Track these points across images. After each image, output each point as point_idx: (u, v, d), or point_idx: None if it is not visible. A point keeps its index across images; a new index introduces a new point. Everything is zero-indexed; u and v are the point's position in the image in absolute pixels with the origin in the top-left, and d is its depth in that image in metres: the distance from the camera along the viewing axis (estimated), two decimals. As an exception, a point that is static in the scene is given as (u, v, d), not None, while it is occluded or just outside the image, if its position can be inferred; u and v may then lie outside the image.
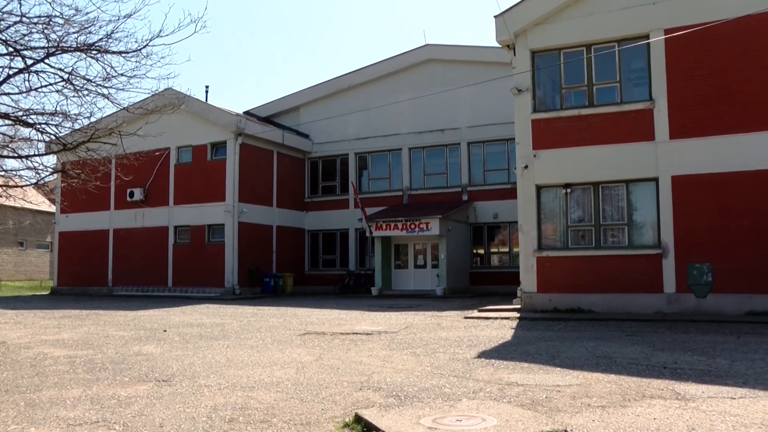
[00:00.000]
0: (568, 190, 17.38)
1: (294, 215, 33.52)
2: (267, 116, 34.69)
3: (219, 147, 30.30)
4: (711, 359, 9.15)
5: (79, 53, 11.32)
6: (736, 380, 7.59)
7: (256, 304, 23.19)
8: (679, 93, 16.31)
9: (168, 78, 25.63)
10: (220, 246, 29.48)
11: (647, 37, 16.62)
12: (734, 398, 6.62)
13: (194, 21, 11.65)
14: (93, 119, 12.52)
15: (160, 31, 11.20)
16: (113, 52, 11.33)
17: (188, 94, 19.88)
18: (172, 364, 9.44)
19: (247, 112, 34.30)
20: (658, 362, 8.96)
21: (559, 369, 8.58)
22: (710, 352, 9.89)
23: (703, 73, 16.10)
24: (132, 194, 31.07)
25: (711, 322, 14.15)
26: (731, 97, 15.82)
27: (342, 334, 13.21)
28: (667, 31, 16.18)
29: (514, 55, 18.16)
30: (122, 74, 11.59)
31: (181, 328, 14.73)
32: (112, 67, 11.61)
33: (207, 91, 36.05)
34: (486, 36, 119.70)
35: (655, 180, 16.48)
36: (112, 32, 11.19)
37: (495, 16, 18.19)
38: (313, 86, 34.43)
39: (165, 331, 14.24)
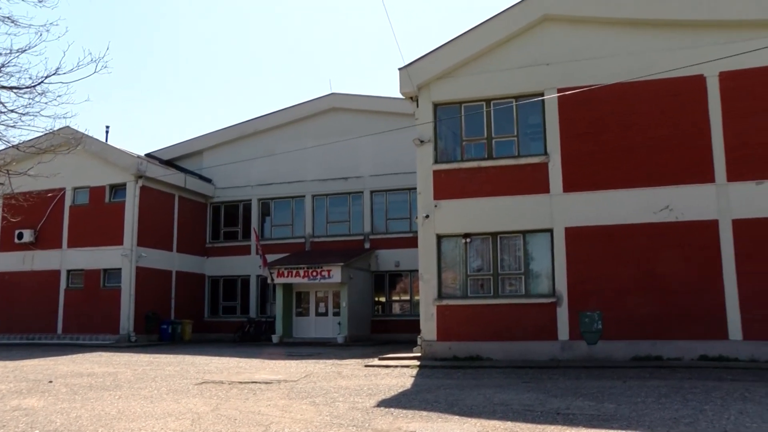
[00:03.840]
0: (468, 240, 17.81)
1: (194, 260, 32.71)
2: (170, 159, 33.95)
3: (118, 189, 29.32)
4: (600, 404, 9.53)
5: (-38, 85, 10.84)
6: (621, 423, 7.94)
7: (152, 352, 22.32)
8: (571, 149, 17.19)
9: (65, 117, 24.60)
10: (116, 291, 28.29)
11: (542, 94, 17.49)
12: (620, 442, 6.91)
13: (95, 60, 11.26)
14: (-23, 156, 11.95)
15: (58, 69, 10.89)
16: (3, 87, 10.92)
17: (87, 133, 19.21)
18: (56, 418, 8.93)
19: (149, 155, 33.50)
20: (552, 408, 9.24)
21: (457, 417, 8.69)
22: (599, 396, 10.29)
23: (592, 131, 17.08)
24: (21, 236, 29.44)
25: (601, 368, 14.74)
26: (615, 155, 16.82)
27: (240, 383, 12.91)
28: (559, 90, 17.10)
29: (417, 106, 18.65)
30: (13, 110, 11.17)
31: (69, 378, 13.98)
32: (1, 102, 11.17)
33: (107, 132, 35.03)
34: (390, 87, 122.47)
35: (550, 231, 17.16)
36: (2, 66, 10.79)
37: (399, 69, 18.68)
38: (218, 130, 34.10)
39: (50, 381, 13.48)
